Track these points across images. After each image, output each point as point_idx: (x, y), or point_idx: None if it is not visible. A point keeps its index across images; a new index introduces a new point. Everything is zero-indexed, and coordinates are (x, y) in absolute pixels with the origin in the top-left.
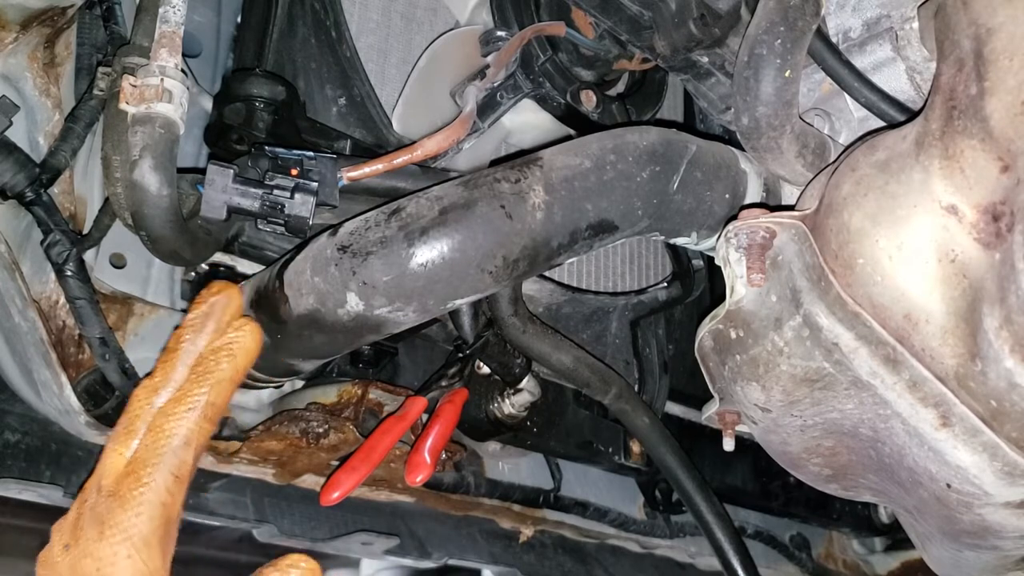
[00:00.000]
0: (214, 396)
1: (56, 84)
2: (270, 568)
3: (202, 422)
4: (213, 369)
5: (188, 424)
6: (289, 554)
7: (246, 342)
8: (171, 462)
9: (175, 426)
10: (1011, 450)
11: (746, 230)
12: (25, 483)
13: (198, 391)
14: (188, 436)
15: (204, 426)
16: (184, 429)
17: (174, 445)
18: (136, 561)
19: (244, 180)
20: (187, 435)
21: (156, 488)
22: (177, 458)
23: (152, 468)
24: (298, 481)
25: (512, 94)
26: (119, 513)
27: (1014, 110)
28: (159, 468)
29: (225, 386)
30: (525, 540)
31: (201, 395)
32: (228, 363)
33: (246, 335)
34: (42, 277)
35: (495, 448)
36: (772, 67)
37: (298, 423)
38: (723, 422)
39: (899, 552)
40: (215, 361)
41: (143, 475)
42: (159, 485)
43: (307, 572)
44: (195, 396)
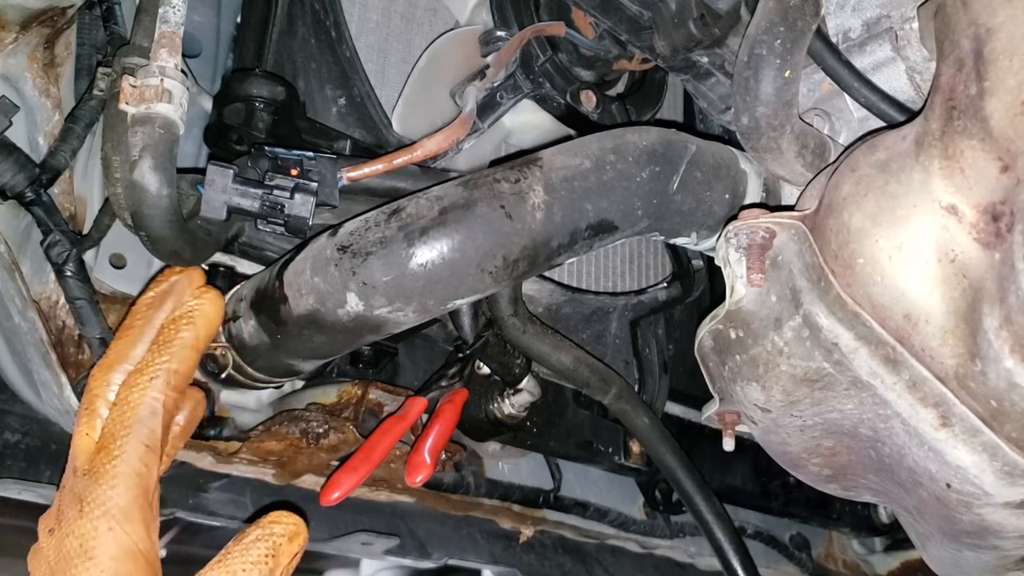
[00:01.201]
0: (177, 363)
1: (56, 84)
2: (252, 527)
3: (167, 390)
4: (173, 337)
5: (153, 393)
6: (273, 511)
7: (206, 309)
8: (141, 432)
9: (139, 396)
10: (1011, 450)
11: (746, 230)
12: (25, 483)
13: (159, 360)
14: (154, 405)
15: (170, 394)
16: (149, 398)
17: (141, 415)
18: (118, 533)
19: (244, 180)
20: (152, 404)
21: (129, 459)
22: (146, 428)
23: (122, 440)
24: (298, 481)
25: (512, 94)
26: (95, 488)
27: (1014, 110)
28: (129, 440)
29: (187, 353)
30: (525, 540)
31: (163, 363)
32: (189, 331)
33: (206, 303)
34: (42, 277)
35: (495, 448)
36: (772, 67)
37: (298, 423)
38: (723, 422)
39: (899, 552)
40: (175, 329)
41: (114, 448)
42: (131, 456)
43: (290, 527)
44: (156, 365)
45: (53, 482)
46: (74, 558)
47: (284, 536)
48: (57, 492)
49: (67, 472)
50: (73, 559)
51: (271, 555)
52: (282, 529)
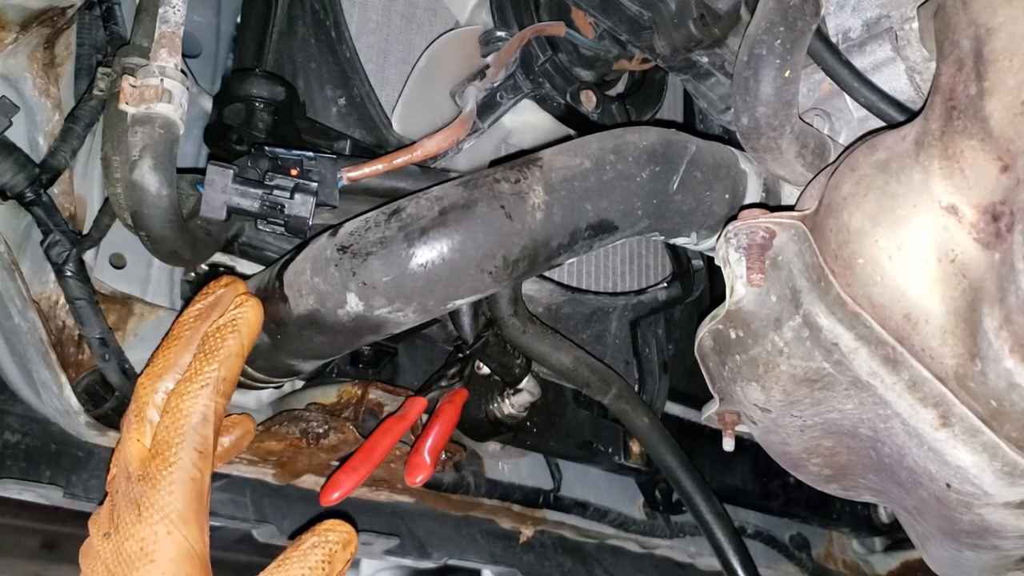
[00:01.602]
0: (225, 371)
1: (56, 84)
2: (309, 534)
3: (217, 397)
4: (220, 346)
5: (204, 400)
6: (329, 519)
7: (249, 316)
8: (194, 439)
9: (191, 404)
10: (1011, 450)
11: (746, 230)
12: (25, 483)
13: (208, 368)
14: (206, 412)
15: (219, 401)
16: (200, 406)
17: (194, 423)
18: (177, 536)
19: (244, 180)
20: (204, 411)
21: (184, 466)
22: (199, 435)
23: (176, 447)
24: (298, 481)
25: (512, 94)
26: (152, 494)
27: (1014, 110)
28: (183, 447)
29: (234, 360)
30: (525, 540)
31: (212, 372)
32: (234, 338)
33: (248, 310)
34: (42, 277)
35: (495, 448)
36: (772, 67)
37: (298, 423)
38: (723, 422)
39: (899, 552)
40: (221, 338)
41: (169, 455)
42: (186, 462)
43: (344, 535)
44: (207, 373)
45: (53, 482)
46: (135, 560)
47: (339, 544)
48: (108, 496)
49: (118, 477)
50: (134, 562)
51: (327, 561)
52: (337, 536)
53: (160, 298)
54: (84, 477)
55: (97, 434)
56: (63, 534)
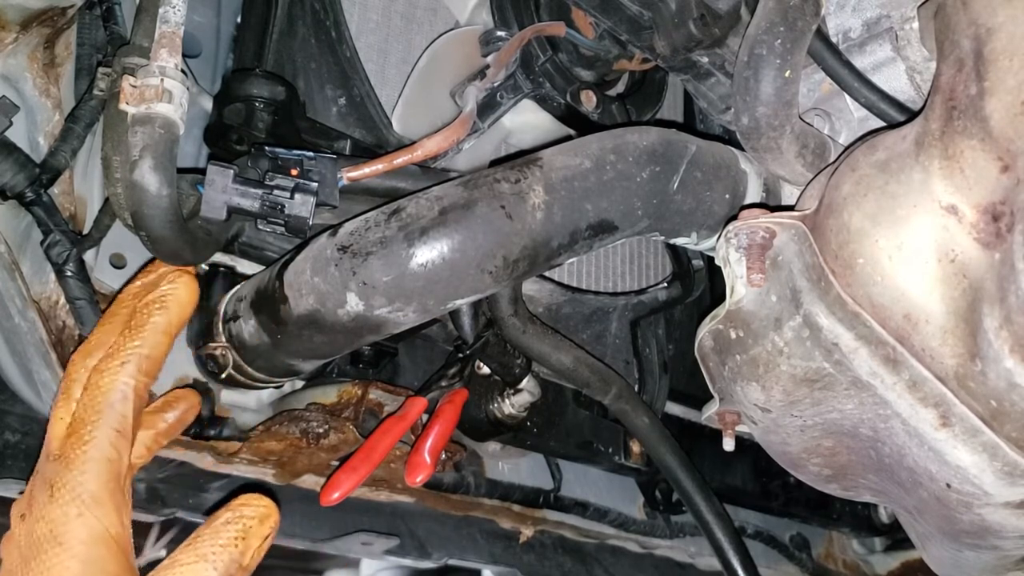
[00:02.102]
0: (148, 349)
1: (56, 84)
2: (223, 510)
3: (138, 375)
4: (145, 322)
5: (123, 377)
6: (243, 494)
7: (179, 294)
8: (111, 417)
9: (110, 381)
10: (1011, 450)
11: (746, 230)
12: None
13: (131, 344)
14: (124, 390)
15: (140, 379)
16: (119, 383)
17: (111, 400)
18: (88, 518)
19: (244, 180)
20: (123, 389)
21: (99, 444)
22: (117, 412)
23: (92, 426)
24: (298, 481)
25: (512, 94)
26: (65, 473)
27: (1014, 110)
28: (99, 425)
29: (159, 338)
30: (525, 540)
31: (134, 348)
32: (161, 315)
33: (179, 287)
34: (42, 277)
35: (495, 448)
36: (772, 67)
37: (298, 423)
38: (723, 422)
39: (899, 552)
40: (147, 314)
41: (84, 433)
42: (102, 441)
43: (260, 509)
44: (127, 350)
45: None
46: (44, 543)
47: (255, 518)
48: (30, 478)
49: (41, 457)
50: (43, 544)
51: (241, 537)
52: (252, 511)
53: None
54: None
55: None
56: None
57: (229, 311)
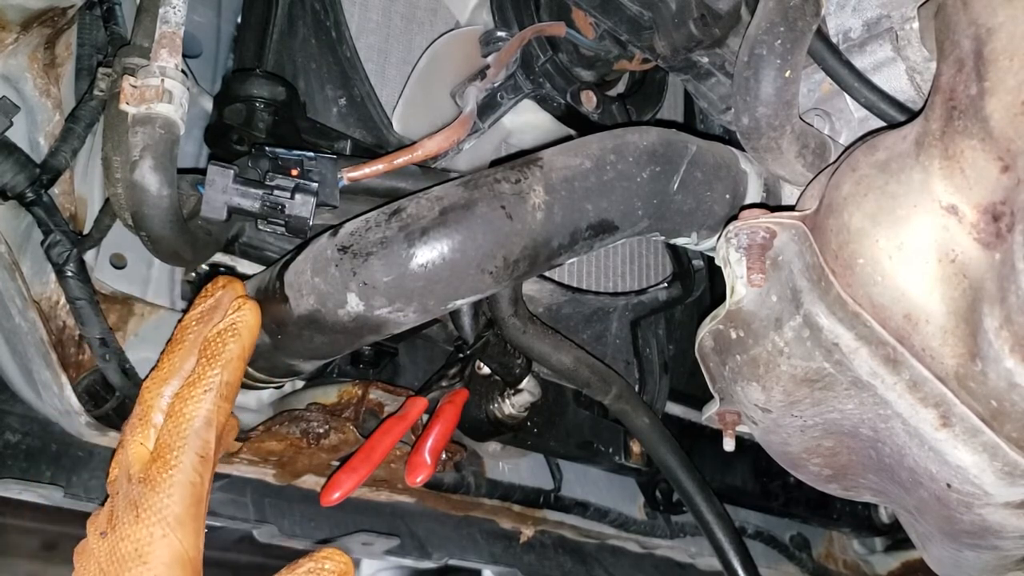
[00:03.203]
0: (227, 375)
1: (56, 85)
2: (306, 559)
3: (220, 401)
4: (221, 350)
5: (207, 405)
6: (325, 548)
7: (248, 319)
8: (195, 443)
9: (194, 408)
10: (1011, 450)
11: (746, 230)
12: (25, 483)
13: (211, 372)
14: (208, 416)
15: (222, 405)
16: (204, 410)
17: (196, 427)
18: (172, 539)
19: (244, 180)
20: (207, 415)
21: (184, 469)
22: (201, 439)
23: (178, 451)
24: (298, 481)
25: (512, 94)
26: (151, 496)
27: (1014, 110)
28: (185, 450)
29: (236, 364)
30: (525, 540)
31: (215, 376)
32: (235, 342)
33: (247, 312)
34: (42, 277)
35: (495, 448)
36: (772, 67)
37: (298, 423)
38: (723, 422)
39: (899, 552)
40: (222, 342)
41: (170, 458)
42: (187, 466)
43: (340, 565)
44: (209, 378)
45: (54, 482)
46: (128, 561)
47: (334, 573)
48: (109, 497)
49: (120, 478)
50: (127, 562)
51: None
52: (332, 566)
53: (160, 298)
54: (84, 477)
55: (97, 434)
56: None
57: None
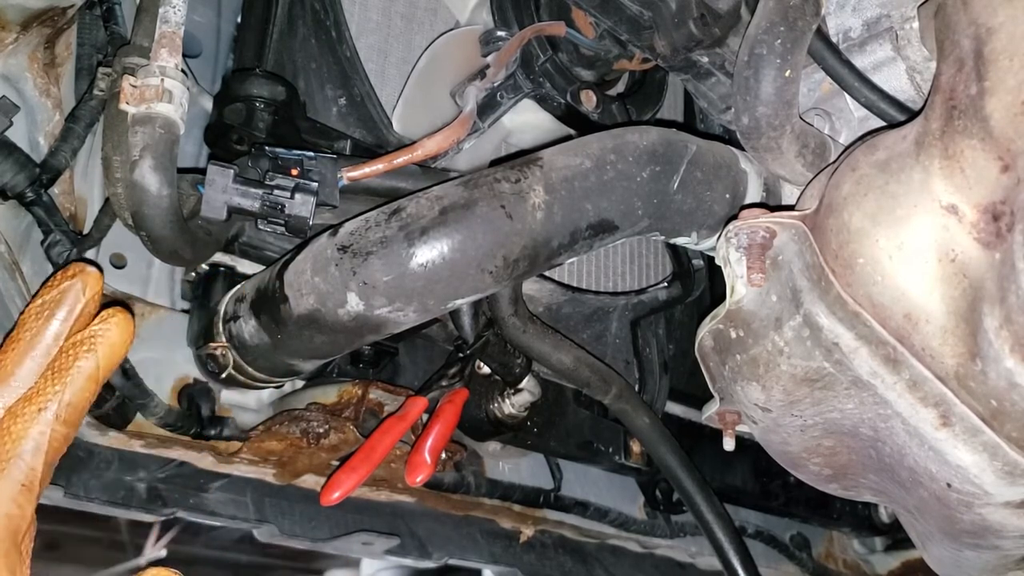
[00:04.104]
0: (70, 395)
1: (56, 84)
2: None
3: (56, 424)
4: (70, 365)
5: (39, 427)
6: None
7: (111, 335)
8: (19, 470)
9: (23, 428)
10: (1011, 450)
11: (746, 230)
12: None
13: (51, 389)
14: (39, 440)
15: (59, 429)
16: (35, 432)
17: (22, 450)
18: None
19: (244, 180)
20: (37, 439)
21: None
22: (26, 465)
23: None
24: (298, 481)
25: (512, 94)
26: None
27: (1014, 110)
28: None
29: (85, 384)
30: (525, 540)
31: (55, 394)
32: (89, 359)
33: (112, 327)
34: (42, 277)
35: (495, 448)
36: (772, 67)
37: (298, 423)
38: (723, 422)
39: (899, 552)
40: (73, 356)
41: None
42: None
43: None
44: (48, 395)
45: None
46: None
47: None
48: None
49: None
50: None
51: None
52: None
53: (161, 298)
54: (84, 477)
55: (97, 434)
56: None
57: (229, 311)
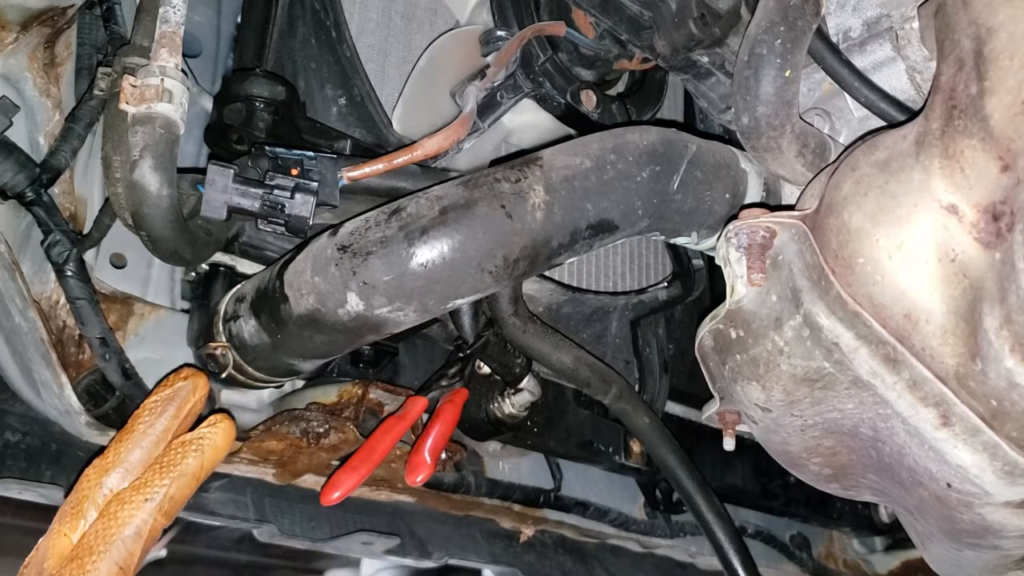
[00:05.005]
0: (175, 490)
1: (56, 84)
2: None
3: (157, 515)
4: (179, 461)
5: (143, 515)
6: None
7: (217, 439)
8: (118, 552)
9: (128, 515)
10: (1011, 449)
11: (746, 230)
12: (25, 483)
13: (159, 482)
14: (140, 527)
15: (159, 519)
16: (138, 520)
17: (124, 535)
18: None
19: (244, 180)
20: (139, 526)
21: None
22: (125, 549)
23: (97, 557)
24: (298, 481)
25: (512, 94)
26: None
27: (1014, 110)
28: (104, 557)
29: (188, 481)
30: (525, 540)
31: (161, 487)
32: (195, 458)
33: (218, 432)
34: (42, 277)
35: (495, 448)
36: (772, 67)
37: (298, 423)
38: (723, 422)
39: (899, 551)
40: (182, 454)
41: (87, 563)
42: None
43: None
44: (155, 487)
45: (54, 482)
46: None
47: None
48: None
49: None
50: None
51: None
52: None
53: (161, 298)
54: None
55: (98, 434)
56: None
57: (229, 311)
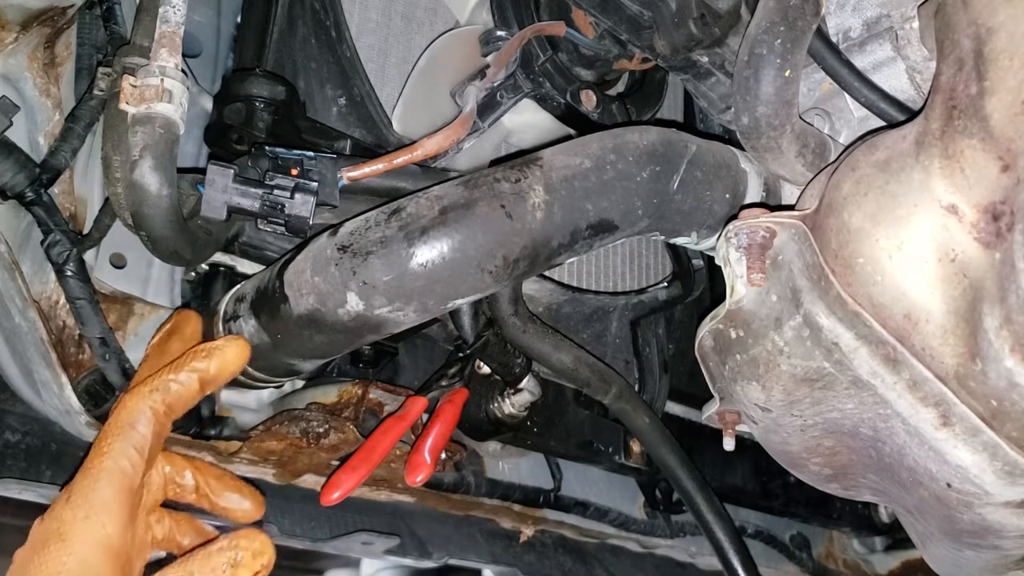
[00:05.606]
0: (180, 385)
1: (56, 84)
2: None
3: (162, 404)
4: (186, 363)
5: (149, 402)
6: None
7: (228, 351)
8: (129, 434)
9: (136, 402)
10: (1011, 449)
11: (746, 230)
12: (25, 483)
13: (168, 376)
14: (148, 413)
15: (163, 407)
16: (145, 406)
17: (133, 420)
18: (94, 522)
19: (244, 180)
20: (147, 412)
21: (115, 456)
22: (137, 432)
23: (112, 439)
24: (298, 481)
25: (512, 94)
26: (81, 480)
27: (1014, 110)
28: (118, 438)
29: (193, 379)
30: (525, 540)
31: (169, 380)
32: (203, 362)
33: (231, 344)
34: (42, 277)
35: (495, 448)
36: (772, 67)
37: (298, 423)
38: (723, 422)
39: (899, 551)
40: (192, 356)
41: (103, 446)
42: (117, 454)
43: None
44: (163, 379)
45: (54, 482)
46: (50, 539)
47: (248, 551)
48: None
49: None
50: (49, 540)
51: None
52: (247, 543)
53: (161, 298)
54: None
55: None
56: None
57: (229, 311)
